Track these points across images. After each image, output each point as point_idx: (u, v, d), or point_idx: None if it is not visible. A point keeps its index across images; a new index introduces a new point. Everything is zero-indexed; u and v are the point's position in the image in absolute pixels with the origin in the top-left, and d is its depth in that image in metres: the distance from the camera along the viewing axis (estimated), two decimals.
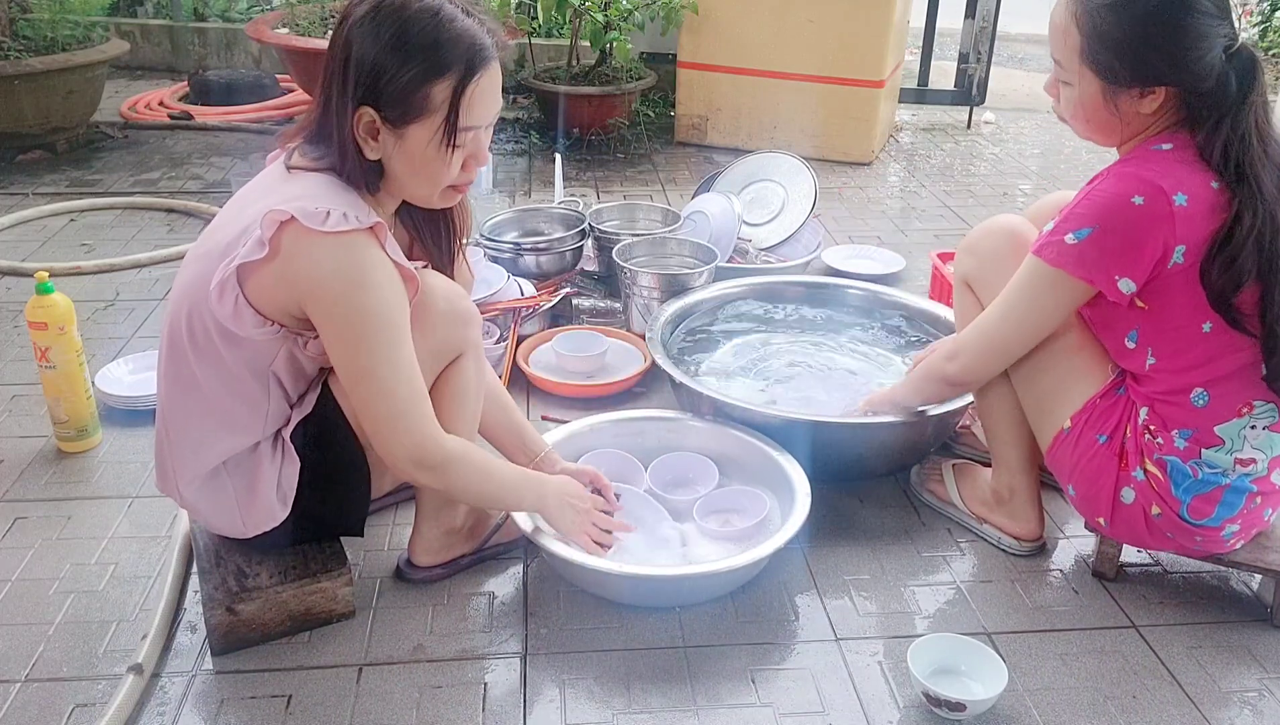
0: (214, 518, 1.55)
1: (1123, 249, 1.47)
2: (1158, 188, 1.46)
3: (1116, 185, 1.49)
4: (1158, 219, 1.45)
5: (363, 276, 1.36)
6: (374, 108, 1.38)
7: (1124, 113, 1.53)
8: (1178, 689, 1.55)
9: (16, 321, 2.61)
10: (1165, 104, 1.51)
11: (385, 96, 1.37)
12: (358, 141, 1.40)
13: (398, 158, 1.42)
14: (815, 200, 3.01)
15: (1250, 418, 1.54)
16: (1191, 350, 1.52)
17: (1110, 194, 1.49)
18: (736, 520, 1.84)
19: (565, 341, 2.47)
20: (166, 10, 5.70)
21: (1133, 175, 1.49)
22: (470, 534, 1.77)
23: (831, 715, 1.49)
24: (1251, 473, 1.57)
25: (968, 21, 4.76)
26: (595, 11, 4.04)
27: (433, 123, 1.39)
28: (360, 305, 1.37)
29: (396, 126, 1.39)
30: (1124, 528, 1.65)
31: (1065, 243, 1.52)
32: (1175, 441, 1.56)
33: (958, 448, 2.17)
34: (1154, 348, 1.55)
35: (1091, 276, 1.50)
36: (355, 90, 1.37)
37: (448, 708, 1.49)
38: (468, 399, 1.62)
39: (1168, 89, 1.49)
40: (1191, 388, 1.54)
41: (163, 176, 3.84)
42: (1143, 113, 1.52)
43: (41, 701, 1.48)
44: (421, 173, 1.43)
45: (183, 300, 1.44)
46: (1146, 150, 1.52)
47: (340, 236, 1.34)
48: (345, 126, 1.39)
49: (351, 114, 1.38)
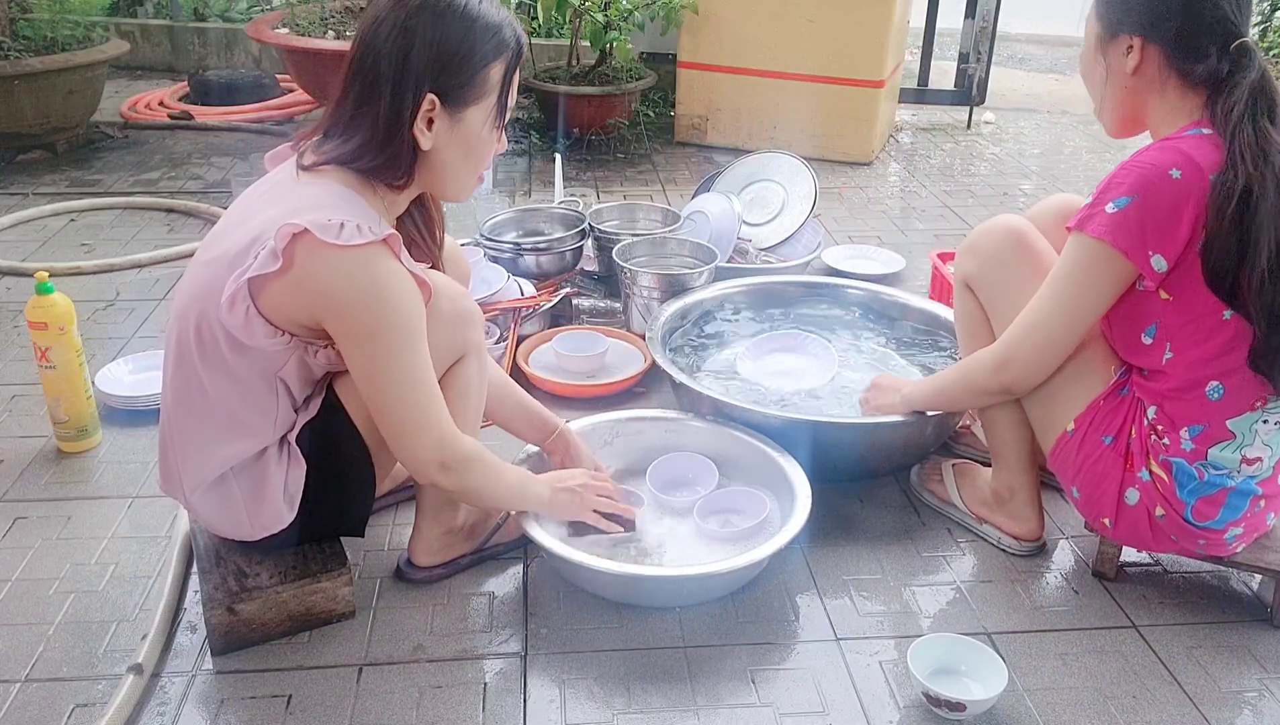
0: (220, 521, 1.55)
1: (1160, 222, 1.47)
2: (1195, 163, 1.46)
3: (1158, 156, 1.50)
4: (1192, 193, 1.45)
5: (380, 290, 1.36)
6: (436, 94, 1.40)
7: (1112, 68, 1.58)
8: (1178, 689, 1.55)
9: (16, 321, 2.61)
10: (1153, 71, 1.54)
11: (449, 82, 1.40)
12: (415, 132, 1.41)
13: (453, 144, 1.45)
14: (815, 200, 3.01)
15: (1264, 412, 1.54)
16: (1210, 341, 1.51)
17: (1150, 164, 1.49)
18: (737, 521, 1.84)
19: (565, 341, 2.47)
20: (166, 10, 5.69)
21: (1173, 148, 1.49)
22: (470, 534, 1.77)
23: (831, 715, 1.49)
24: (1257, 473, 1.56)
25: (968, 21, 4.76)
26: (595, 11, 4.04)
27: (488, 104, 1.45)
28: (380, 318, 1.37)
29: (456, 111, 1.43)
30: (1128, 529, 1.65)
31: (1106, 212, 1.50)
32: (1182, 442, 1.56)
33: (958, 448, 2.17)
34: (1173, 341, 1.54)
35: (1130, 249, 1.48)
36: (419, 76, 1.38)
37: (448, 708, 1.49)
38: (469, 399, 1.63)
39: (1147, 48, 1.53)
40: (1207, 381, 1.53)
41: (163, 176, 3.84)
42: (1126, 70, 1.56)
43: (41, 701, 1.48)
44: (473, 155, 1.49)
45: (190, 307, 1.44)
46: (1183, 134, 1.53)
47: (356, 251, 1.34)
48: (399, 116, 1.40)
49: (411, 103, 1.39)
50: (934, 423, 1.92)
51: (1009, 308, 1.71)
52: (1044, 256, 1.71)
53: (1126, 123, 1.63)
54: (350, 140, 1.43)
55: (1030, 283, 1.69)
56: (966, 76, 4.86)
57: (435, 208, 1.67)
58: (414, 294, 1.41)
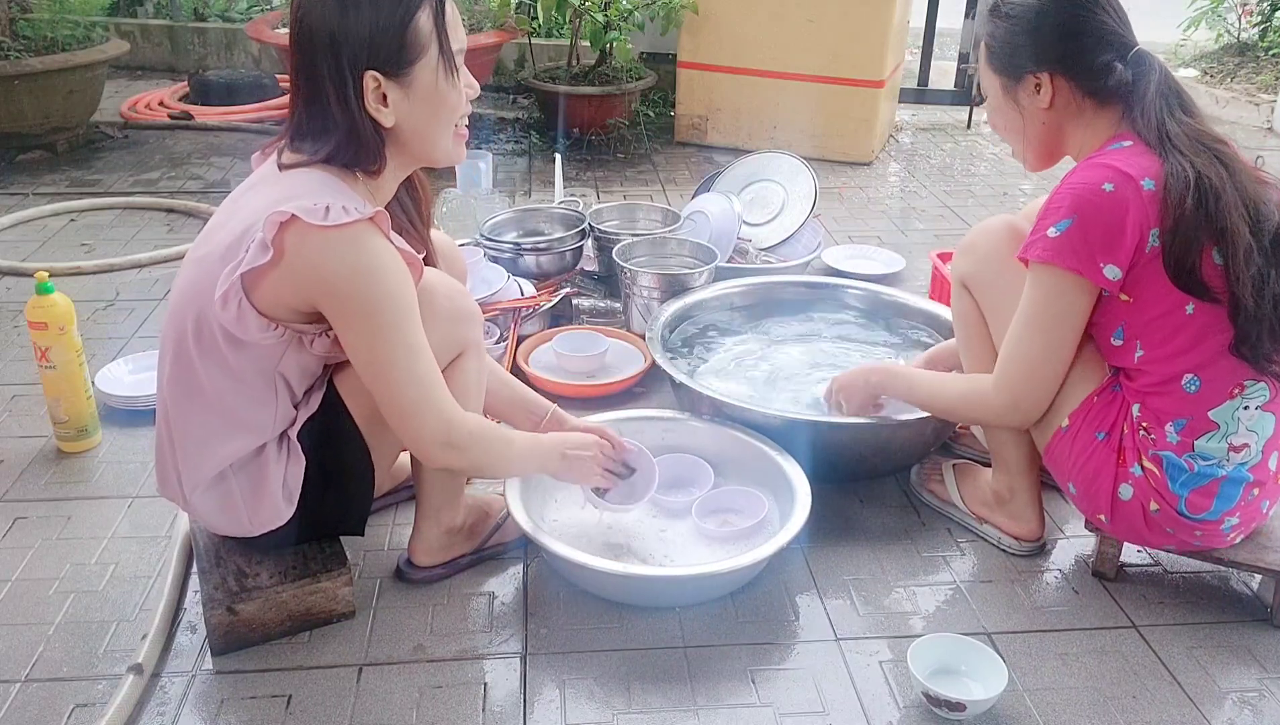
0: (219, 518, 1.55)
1: (1103, 235, 1.51)
2: (1124, 174, 1.51)
3: (1086, 174, 1.54)
4: (1129, 203, 1.49)
5: (370, 266, 1.36)
6: (376, 70, 1.38)
7: (1025, 109, 1.65)
8: (1178, 689, 1.55)
9: (16, 321, 2.61)
10: (1065, 98, 1.60)
11: (381, 51, 1.38)
12: (370, 114, 1.40)
13: (415, 109, 1.43)
14: (815, 200, 3.01)
15: (1243, 398, 1.55)
16: (1178, 336, 1.53)
17: (1081, 184, 1.53)
18: (735, 521, 1.84)
19: (565, 341, 2.47)
20: (166, 10, 5.70)
21: (1100, 164, 1.54)
22: (470, 534, 1.77)
23: (831, 715, 1.49)
24: (1246, 460, 1.57)
25: (968, 21, 4.76)
26: (595, 11, 4.04)
27: (430, 57, 1.41)
28: (373, 294, 1.37)
29: (402, 77, 1.40)
30: (1124, 524, 1.66)
31: (1049, 237, 1.54)
32: (1168, 436, 1.57)
33: (958, 448, 2.17)
34: (1141, 340, 1.57)
35: (1080, 267, 1.52)
36: (352, 61, 1.37)
37: (448, 708, 1.49)
38: (469, 397, 1.62)
39: (1055, 80, 1.60)
40: (1182, 374, 1.55)
41: (163, 176, 3.84)
42: (1040, 107, 1.62)
43: (41, 701, 1.48)
44: (440, 110, 1.45)
45: (186, 305, 1.44)
46: (1107, 150, 1.58)
47: (343, 229, 1.34)
48: (352, 103, 1.39)
49: (355, 88, 1.38)
50: (934, 423, 1.92)
51: (1006, 307, 1.71)
52: None
53: (1047, 156, 1.71)
54: (320, 142, 1.42)
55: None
56: (966, 76, 4.86)
57: (423, 191, 1.67)
58: (403, 271, 1.41)
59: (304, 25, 1.38)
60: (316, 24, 1.37)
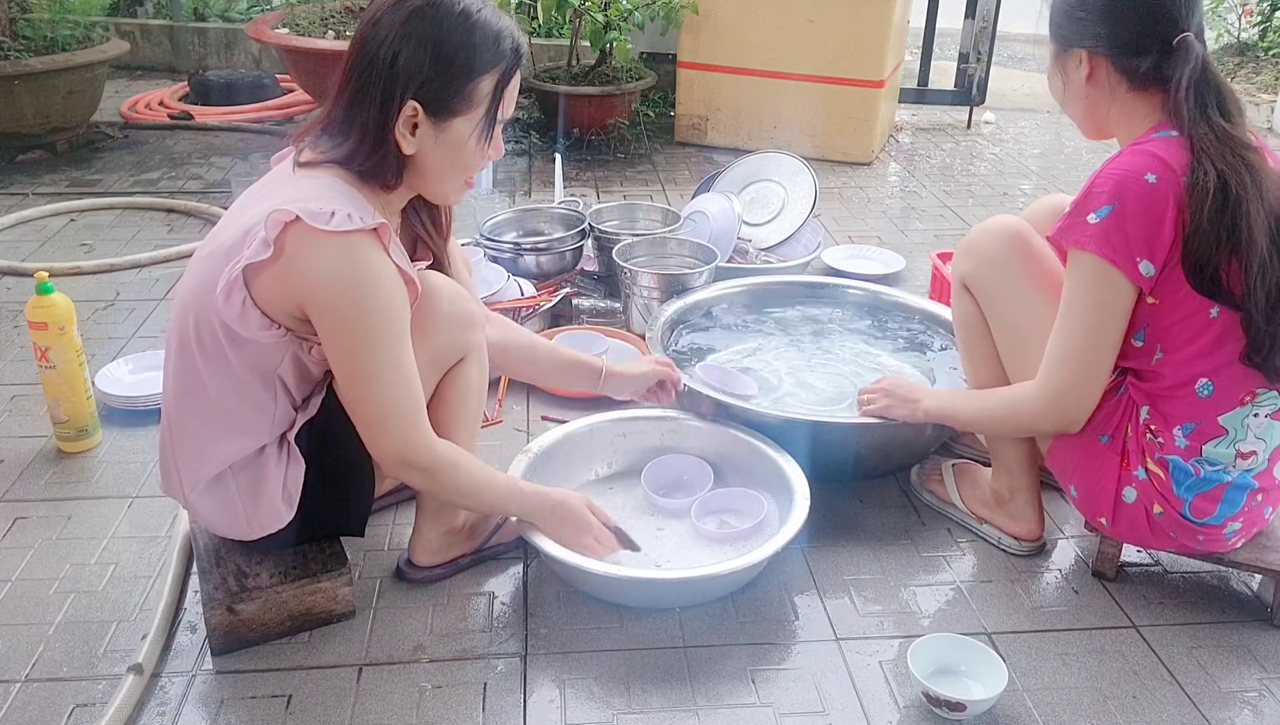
0: (219, 520, 1.55)
1: (1143, 228, 1.47)
2: (1167, 165, 1.48)
3: (1131, 160, 1.50)
4: (1170, 197, 1.46)
5: (362, 277, 1.36)
6: (420, 102, 1.39)
7: (1070, 80, 1.62)
8: (1178, 689, 1.55)
9: (16, 321, 2.61)
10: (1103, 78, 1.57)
11: (435, 91, 1.39)
12: (396, 136, 1.41)
13: (437, 151, 1.44)
14: (815, 200, 3.01)
15: (1253, 405, 1.54)
16: (1200, 338, 1.52)
17: (1125, 170, 1.49)
18: (734, 521, 1.84)
19: (565, 341, 2.47)
20: (166, 10, 5.69)
21: (1145, 151, 1.50)
22: (470, 534, 1.77)
23: (831, 715, 1.49)
24: (1253, 467, 1.57)
25: (968, 21, 4.76)
26: (595, 11, 4.04)
27: (475, 116, 1.43)
28: (359, 305, 1.36)
29: (441, 120, 1.41)
30: (1126, 527, 1.65)
31: (1089, 223, 1.50)
32: (1176, 440, 1.56)
33: (958, 448, 2.17)
34: (1163, 342, 1.55)
35: (1116, 257, 1.48)
36: (403, 85, 1.38)
37: (448, 708, 1.49)
38: (469, 401, 1.63)
39: (1094, 58, 1.57)
40: (1196, 378, 1.53)
41: (163, 176, 3.84)
42: (1081, 81, 1.60)
43: (41, 701, 1.48)
44: (457, 164, 1.47)
45: (189, 304, 1.44)
46: (1152, 136, 1.54)
47: (343, 237, 1.34)
48: (385, 120, 1.39)
49: (395, 108, 1.39)
50: (933, 424, 1.92)
51: (1006, 308, 1.71)
52: (1042, 257, 1.71)
53: (1094, 129, 1.67)
54: (344, 142, 1.43)
55: (1027, 283, 1.70)
56: (966, 76, 4.86)
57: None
58: (398, 288, 1.40)
59: (377, 32, 1.39)
60: (388, 37, 1.38)
